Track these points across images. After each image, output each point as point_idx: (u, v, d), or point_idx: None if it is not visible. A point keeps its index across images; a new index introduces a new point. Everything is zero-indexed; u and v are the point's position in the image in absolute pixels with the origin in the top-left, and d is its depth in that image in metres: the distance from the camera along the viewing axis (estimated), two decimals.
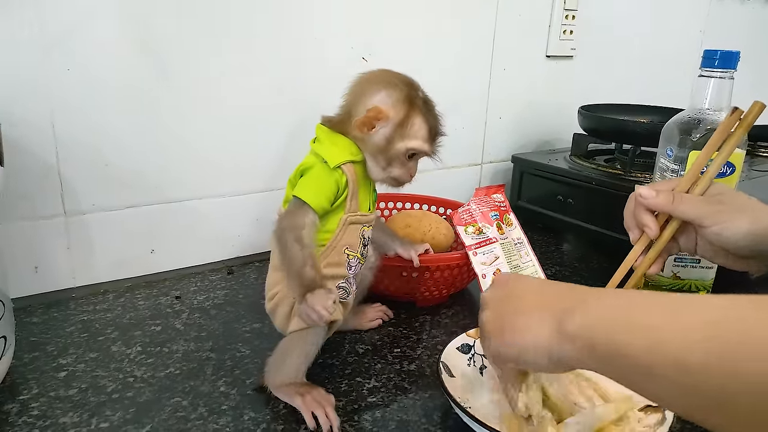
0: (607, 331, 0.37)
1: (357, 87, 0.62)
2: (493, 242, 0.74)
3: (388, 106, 0.59)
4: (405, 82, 0.60)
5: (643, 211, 0.59)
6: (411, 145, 0.60)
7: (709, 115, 0.72)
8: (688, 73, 1.41)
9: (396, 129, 0.59)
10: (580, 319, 0.39)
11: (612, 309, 0.39)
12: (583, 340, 0.39)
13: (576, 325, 0.39)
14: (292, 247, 0.56)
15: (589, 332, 0.38)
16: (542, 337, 0.42)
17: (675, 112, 0.83)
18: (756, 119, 0.58)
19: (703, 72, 0.73)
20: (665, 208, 0.57)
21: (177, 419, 0.54)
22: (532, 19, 1.15)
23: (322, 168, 0.59)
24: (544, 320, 0.42)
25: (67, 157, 0.74)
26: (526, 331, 0.43)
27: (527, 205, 1.11)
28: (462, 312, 0.78)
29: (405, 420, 0.56)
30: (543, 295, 0.46)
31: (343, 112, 0.62)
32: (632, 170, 1.00)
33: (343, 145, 0.60)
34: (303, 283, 0.54)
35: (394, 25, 0.97)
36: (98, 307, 0.75)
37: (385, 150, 0.60)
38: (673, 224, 0.58)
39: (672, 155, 0.74)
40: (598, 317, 0.39)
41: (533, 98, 1.21)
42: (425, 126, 0.60)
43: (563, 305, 0.42)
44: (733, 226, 0.54)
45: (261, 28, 0.84)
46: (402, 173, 0.61)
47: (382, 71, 0.62)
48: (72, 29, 0.71)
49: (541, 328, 0.42)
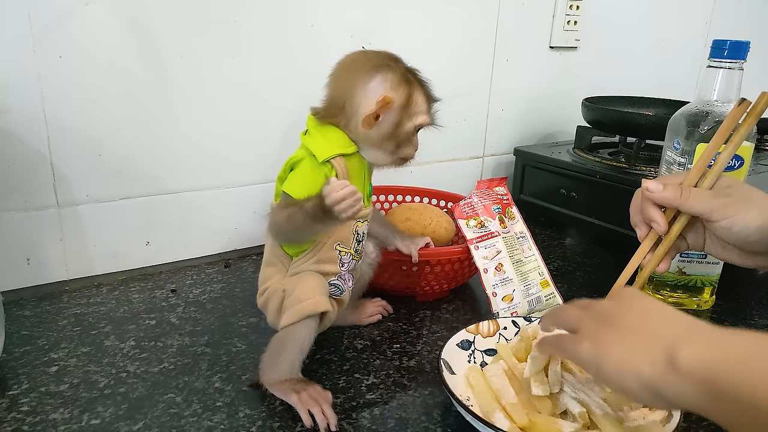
0: (730, 370, 0.34)
1: (343, 75, 0.60)
2: (495, 236, 0.72)
3: (390, 91, 0.57)
4: (393, 59, 0.59)
5: (651, 205, 0.56)
6: (418, 122, 0.59)
7: (717, 106, 0.70)
8: (693, 65, 1.39)
9: (402, 111, 0.58)
10: (697, 352, 0.36)
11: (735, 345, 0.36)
12: (698, 376, 0.35)
13: (690, 359, 0.36)
14: (286, 219, 0.55)
15: (707, 368, 0.35)
16: (646, 365, 0.38)
17: (680, 104, 0.81)
18: (765, 110, 0.57)
19: (711, 62, 0.71)
20: (673, 203, 0.55)
21: (170, 416, 0.53)
22: (536, 9, 1.12)
23: (311, 162, 0.58)
24: (653, 348, 0.38)
25: (59, 146, 0.72)
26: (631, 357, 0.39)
27: (529, 199, 1.09)
28: (463, 307, 0.76)
29: (404, 418, 0.54)
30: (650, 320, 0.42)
31: (331, 103, 0.60)
32: (637, 164, 0.99)
33: (334, 138, 0.59)
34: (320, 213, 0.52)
35: (395, 14, 0.94)
36: (92, 301, 0.74)
37: (393, 135, 0.58)
38: (682, 219, 0.56)
39: (679, 148, 0.73)
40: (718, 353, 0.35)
41: (536, 90, 1.19)
42: (425, 99, 0.59)
43: (675, 331, 0.39)
44: (743, 220, 0.51)
45: (258, 16, 0.82)
46: (410, 150, 0.61)
47: (361, 53, 0.61)
48: (64, 15, 0.69)
49: (646, 354, 0.38)
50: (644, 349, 0.39)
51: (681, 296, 0.78)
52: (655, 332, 0.40)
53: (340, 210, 0.51)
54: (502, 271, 0.71)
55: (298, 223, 0.54)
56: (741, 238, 0.52)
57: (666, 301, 0.78)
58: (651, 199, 0.56)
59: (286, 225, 0.56)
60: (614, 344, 0.41)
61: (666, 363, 0.37)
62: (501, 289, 0.70)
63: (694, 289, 0.78)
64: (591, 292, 0.81)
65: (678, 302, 0.78)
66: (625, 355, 0.40)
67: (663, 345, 0.38)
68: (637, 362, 0.39)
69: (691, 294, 0.78)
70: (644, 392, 0.38)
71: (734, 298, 0.81)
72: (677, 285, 0.78)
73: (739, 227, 0.51)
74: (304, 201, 0.55)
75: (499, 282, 0.71)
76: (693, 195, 0.54)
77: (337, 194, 0.50)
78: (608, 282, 0.57)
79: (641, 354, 0.39)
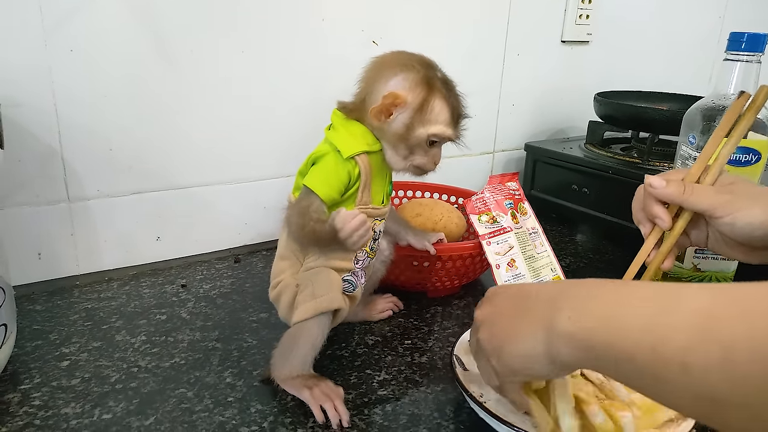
0: (600, 331, 0.35)
1: (371, 71, 0.59)
2: (507, 231, 0.72)
3: (406, 90, 0.56)
4: (422, 63, 0.57)
5: (654, 202, 0.55)
6: (432, 131, 0.56)
7: (734, 100, 0.69)
8: (706, 60, 1.37)
9: (415, 114, 0.56)
10: (570, 316, 0.37)
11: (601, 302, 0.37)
12: (578, 342, 0.37)
13: (565, 327, 0.37)
14: (300, 228, 0.55)
15: (582, 334, 0.36)
16: (537, 343, 0.40)
17: (693, 99, 0.80)
18: (764, 103, 0.55)
19: (728, 56, 0.70)
20: (676, 199, 0.54)
21: (182, 411, 0.53)
22: (548, 2, 1.11)
23: (335, 157, 0.57)
24: (534, 325, 0.40)
25: (70, 141, 0.72)
26: (521, 340, 0.41)
27: (540, 195, 1.09)
28: (474, 303, 0.75)
29: (416, 414, 0.54)
30: (525, 299, 0.44)
31: (358, 99, 0.59)
32: (651, 159, 0.97)
33: (359, 134, 0.58)
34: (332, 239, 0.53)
35: (406, 9, 0.94)
36: (102, 295, 0.74)
37: (405, 138, 0.57)
38: (685, 216, 0.55)
39: (694, 142, 0.72)
40: (587, 316, 0.37)
41: (547, 85, 1.18)
42: (446, 109, 0.57)
43: (547, 306, 0.40)
44: (746, 216, 0.50)
45: (268, 10, 0.81)
46: (425, 161, 0.58)
47: (396, 53, 0.59)
48: (75, 9, 0.69)
49: (534, 333, 0.40)
50: (530, 329, 0.41)
51: None
52: (533, 311, 0.42)
53: (352, 243, 0.52)
54: (515, 266, 0.71)
55: (310, 237, 0.55)
56: (745, 234, 0.51)
57: None
58: (654, 195, 0.55)
59: (299, 232, 0.56)
60: (504, 334, 0.43)
61: (551, 334, 0.39)
62: None
63: None
64: None
65: None
66: (519, 339, 0.42)
67: (543, 320, 0.40)
68: (531, 343, 0.40)
69: None
70: (547, 366, 0.40)
71: None
72: (691, 281, 0.77)
73: (742, 223, 0.51)
74: (317, 223, 0.54)
75: (512, 278, 0.70)
76: (696, 191, 0.53)
77: (349, 226, 0.51)
78: (620, 278, 0.56)
79: (531, 334, 0.40)
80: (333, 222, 0.52)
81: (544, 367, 0.40)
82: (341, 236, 0.52)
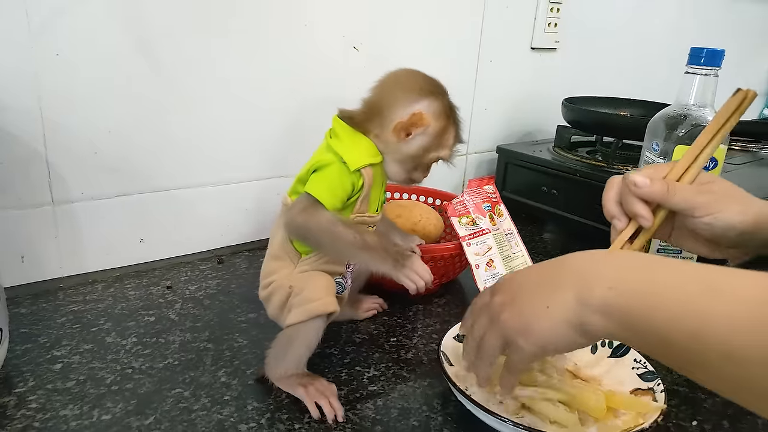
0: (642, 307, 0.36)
1: (390, 88, 0.61)
2: (486, 233, 0.75)
3: (430, 115, 0.59)
4: (443, 92, 0.61)
5: (635, 199, 0.54)
6: (442, 155, 0.62)
7: (694, 110, 0.75)
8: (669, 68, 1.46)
9: (434, 139, 0.60)
10: (607, 292, 0.38)
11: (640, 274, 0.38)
12: (614, 312, 0.38)
13: (602, 298, 0.39)
14: (333, 228, 0.57)
15: (621, 306, 0.38)
16: (569, 312, 0.41)
17: (658, 106, 0.86)
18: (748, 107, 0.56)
19: (689, 69, 0.75)
20: (659, 198, 0.53)
21: (180, 410, 0.55)
22: (518, 11, 1.16)
23: (340, 168, 0.59)
24: (564, 296, 0.41)
25: (55, 144, 0.72)
26: (551, 313, 0.42)
27: (512, 196, 1.13)
28: (453, 301, 0.79)
29: (406, 407, 0.57)
30: (554, 273, 0.45)
31: (369, 111, 0.61)
32: (615, 162, 1.03)
33: (365, 147, 0.60)
34: (381, 252, 0.58)
35: (385, 16, 0.96)
36: (88, 298, 0.74)
37: (417, 157, 0.61)
38: (661, 213, 0.55)
39: (658, 149, 0.77)
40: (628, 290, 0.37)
41: (518, 90, 1.22)
42: (456, 137, 0.62)
43: (581, 276, 0.41)
44: (725, 217, 0.52)
45: (251, 15, 0.82)
46: (422, 176, 0.64)
47: (415, 73, 0.62)
48: (61, 12, 0.69)
49: (565, 304, 0.41)
50: (558, 301, 0.42)
51: None
52: (561, 283, 0.43)
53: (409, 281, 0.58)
54: (493, 266, 0.74)
55: (340, 246, 0.58)
56: (719, 233, 0.53)
57: None
58: (637, 194, 0.54)
59: (326, 237, 0.57)
60: (530, 313, 0.44)
61: (584, 305, 0.40)
62: (491, 283, 0.73)
63: None
64: None
65: None
66: (546, 314, 0.43)
67: (575, 290, 0.41)
68: (559, 314, 0.42)
69: None
70: (576, 336, 0.42)
71: None
72: None
73: (721, 223, 0.52)
74: (359, 232, 0.57)
75: (490, 277, 0.74)
76: (679, 191, 0.53)
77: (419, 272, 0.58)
78: None
79: (559, 305, 0.42)
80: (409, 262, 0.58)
81: (572, 338, 0.42)
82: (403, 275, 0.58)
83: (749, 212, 0.52)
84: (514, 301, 0.46)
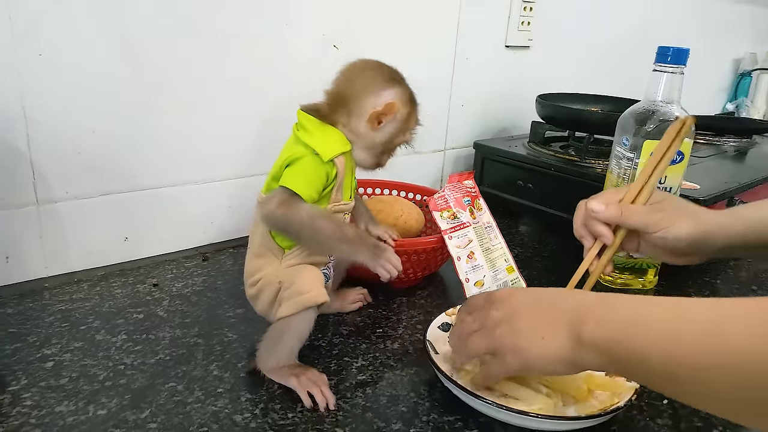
0: (623, 338, 0.41)
1: (358, 77, 0.63)
2: (466, 226, 0.78)
3: (399, 103, 0.62)
4: (404, 78, 0.64)
5: (596, 222, 0.62)
6: (407, 139, 0.65)
7: (662, 106, 0.78)
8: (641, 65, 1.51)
9: (401, 125, 0.64)
10: (595, 327, 0.44)
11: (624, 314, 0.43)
12: (602, 347, 0.43)
13: (592, 334, 0.44)
14: (313, 222, 0.59)
15: (607, 340, 0.43)
16: (560, 347, 0.46)
17: (628, 102, 0.89)
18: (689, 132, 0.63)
19: (656, 67, 0.79)
20: (615, 221, 0.61)
21: (175, 403, 0.56)
22: (493, 9, 1.19)
23: (313, 159, 0.61)
24: (559, 331, 0.46)
25: (39, 144, 0.72)
26: (546, 344, 0.47)
27: (489, 190, 1.16)
28: (436, 293, 0.82)
29: (395, 395, 0.59)
30: (542, 306, 0.50)
31: (335, 102, 0.63)
32: (587, 157, 1.07)
33: (336, 137, 0.62)
34: (359, 244, 0.62)
35: (365, 15, 0.98)
36: (74, 297, 0.74)
37: (386, 143, 0.64)
38: (622, 231, 0.61)
39: (628, 144, 0.80)
40: (612, 324, 0.43)
41: (494, 87, 1.26)
42: (417, 121, 0.65)
43: (573, 314, 0.46)
44: (675, 231, 0.59)
45: (232, 14, 0.83)
46: (388, 160, 0.67)
47: (375, 63, 0.64)
48: (44, 13, 0.69)
49: (560, 339, 0.46)
50: (553, 335, 0.47)
51: (628, 278, 0.87)
52: (555, 318, 0.48)
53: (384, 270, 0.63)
54: (474, 258, 0.77)
55: (321, 239, 0.61)
56: (673, 245, 0.60)
57: (615, 281, 0.87)
58: (595, 218, 0.61)
59: (307, 231, 0.60)
60: (526, 338, 0.49)
61: (575, 342, 0.45)
62: (473, 275, 0.76)
63: (640, 270, 0.86)
64: (549, 276, 0.89)
65: (625, 282, 0.86)
66: (541, 344, 0.47)
67: (567, 327, 0.46)
68: (554, 347, 0.47)
69: (636, 275, 0.87)
70: (565, 368, 0.47)
71: (674, 278, 0.90)
72: (625, 267, 0.86)
73: (672, 237, 0.59)
74: (338, 224, 0.62)
75: (471, 269, 0.77)
76: (631, 213, 0.60)
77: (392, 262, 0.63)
78: (563, 266, 0.63)
79: (554, 339, 0.47)
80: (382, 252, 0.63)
81: (558, 369, 0.47)
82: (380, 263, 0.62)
83: (697, 225, 0.59)
84: (512, 321, 0.51)
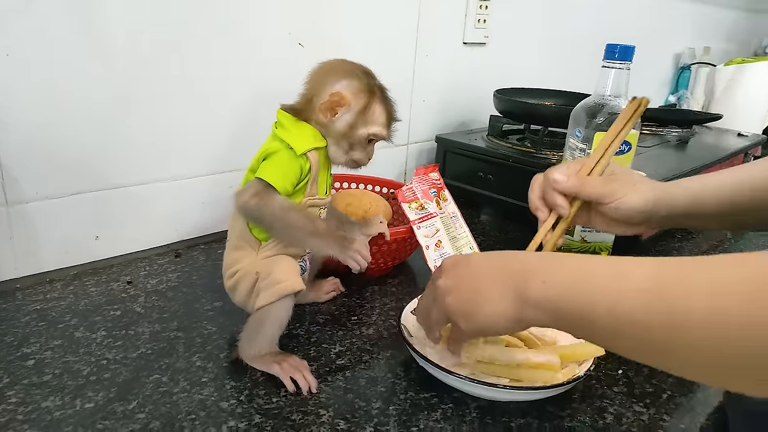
0: (568, 295, 0.44)
1: (317, 76, 0.66)
2: (433, 217, 0.82)
3: (350, 94, 0.64)
4: (364, 72, 0.66)
5: (555, 193, 0.64)
6: (372, 131, 0.66)
7: (610, 100, 0.84)
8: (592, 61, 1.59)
9: (358, 116, 0.65)
10: (541, 285, 0.46)
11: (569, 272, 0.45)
12: (547, 305, 0.45)
13: (538, 292, 0.46)
14: (286, 214, 0.61)
15: (552, 298, 0.45)
16: (507, 307, 0.47)
17: (580, 96, 0.95)
18: (643, 112, 0.68)
19: (605, 63, 0.84)
20: (574, 191, 0.64)
21: (161, 394, 0.58)
22: (451, 8, 1.23)
23: (288, 153, 0.63)
24: (504, 290, 0.48)
25: (8, 145, 0.72)
26: (492, 304, 0.48)
27: (451, 182, 1.19)
28: (406, 281, 0.86)
29: (373, 377, 0.62)
30: (495, 268, 0.51)
31: (305, 100, 0.66)
32: (542, 148, 1.13)
33: (309, 133, 0.65)
34: (329, 238, 0.64)
35: (328, 14, 1.00)
36: (48, 296, 0.75)
37: (348, 135, 0.65)
38: (577, 203, 0.65)
39: (580, 136, 0.86)
40: (557, 283, 0.45)
41: (453, 82, 1.30)
42: (384, 113, 0.66)
43: (519, 274, 0.48)
44: (628, 201, 0.63)
45: (202, 13, 0.84)
46: (362, 156, 0.68)
47: (340, 61, 0.67)
48: (11, 12, 0.68)
49: (505, 297, 0.48)
50: (501, 296, 0.48)
51: None
52: (502, 278, 0.49)
53: (354, 263, 0.65)
54: (441, 246, 0.81)
55: (293, 232, 0.63)
56: (626, 215, 0.64)
57: None
58: (556, 188, 0.64)
59: (279, 223, 0.62)
60: (474, 299, 0.50)
61: (521, 301, 0.46)
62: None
63: (593, 254, 0.92)
64: None
65: None
66: (489, 306, 0.49)
67: (513, 287, 0.47)
68: (501, 308, 0.48)
69: None
70: (513, 325, 0.49)
71: None
72: (579, 251, 0.92)
73: (625, 207, 0.63)
74: (309, 218, 0.64)
75: (439, 257, 0.81)
76: (589, 183, 0.64)
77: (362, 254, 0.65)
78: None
79: (501, 299, 0.48)
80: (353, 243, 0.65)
81: (509, 326, 0.49)
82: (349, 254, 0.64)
83: (648, 194, 0.63)
84: (458, 287, 0.52)
